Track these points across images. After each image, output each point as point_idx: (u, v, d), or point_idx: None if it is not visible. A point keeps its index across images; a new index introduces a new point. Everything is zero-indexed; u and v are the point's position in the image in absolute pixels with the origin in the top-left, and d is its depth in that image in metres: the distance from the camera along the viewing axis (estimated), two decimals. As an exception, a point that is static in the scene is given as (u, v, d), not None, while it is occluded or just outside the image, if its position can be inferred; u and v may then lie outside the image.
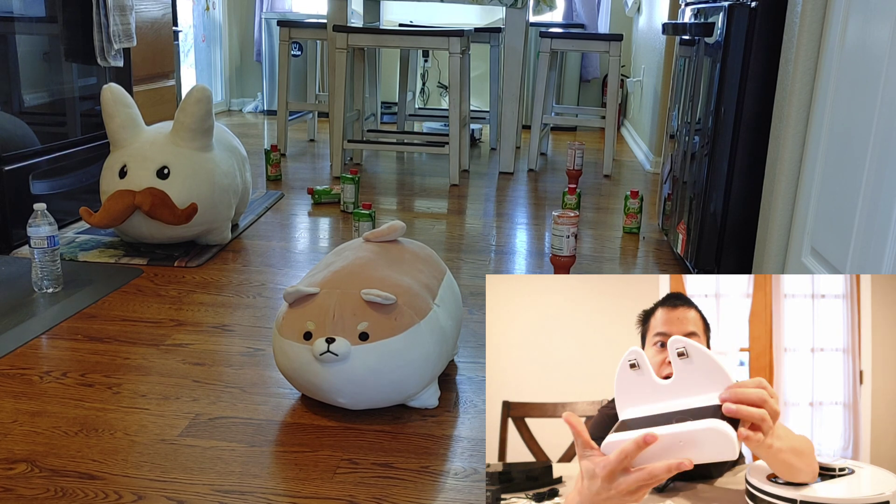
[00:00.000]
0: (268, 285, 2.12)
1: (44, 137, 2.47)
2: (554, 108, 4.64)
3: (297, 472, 1.26)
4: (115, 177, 2.23)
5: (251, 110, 5.91)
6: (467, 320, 1.92)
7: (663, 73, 3.89)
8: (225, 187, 2.34)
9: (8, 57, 2.30)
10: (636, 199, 2.79)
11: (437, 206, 3.15)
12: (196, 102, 2.25)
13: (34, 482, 1.21)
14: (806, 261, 1.72)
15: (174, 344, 1.73)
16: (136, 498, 1.18)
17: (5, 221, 2.29)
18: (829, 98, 1.65)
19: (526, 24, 4.31)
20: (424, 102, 5.80)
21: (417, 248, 1.62)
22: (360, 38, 3.42)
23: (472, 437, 1.39)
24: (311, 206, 3.04)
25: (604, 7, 5.64)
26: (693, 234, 2.19)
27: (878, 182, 1.37)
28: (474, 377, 1.62)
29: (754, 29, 1.91)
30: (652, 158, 4.06)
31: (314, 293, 1.40)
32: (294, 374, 1.39)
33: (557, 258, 2.27)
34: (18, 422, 1.38)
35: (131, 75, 2.92)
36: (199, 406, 1.46)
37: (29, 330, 1.76)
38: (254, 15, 5.89)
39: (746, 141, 1.98)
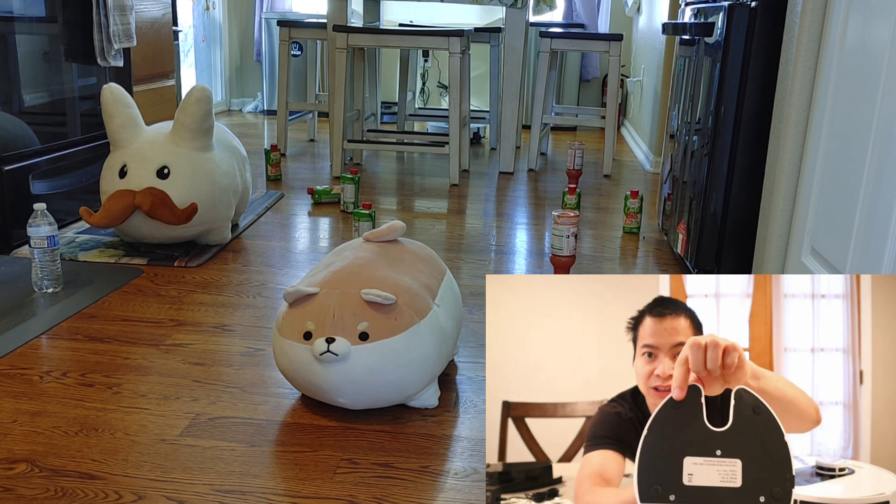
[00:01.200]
0: (268, 285, 2.12)
1: (44, 137, 2.47)
2: (554, 108, 4.64)
3: (297, 472, 1.26)
4: (115, 177, 2.23)
5: (251, 110, 5.91)
6: (467, 320, 1.92)
7: (663, 73, 3.89)
8: (225, 187, 2.34)
9: (8, 57, 2.30)
10: (636, 199, 2.79)
11: (437, 206, 3.15)
12: (196, 102, 2.25)
13: (34, 482, 1.21)
14: (806, 261, 1.72)
15: (174, 344, 1.73)
16: (136, 498, 1.18)
17: (5, 221, 2.29)
18: (829, 98, 1.65)
19: (526, 24, 4.31)
20: (424, 102, 5.80)
21: (417, 248, 1.62)
22: (360, 38, 3.42)
23: (472, 437, 1.39)
24: (311, 206, 3.04)
25: (604, 7, 5.64)
26: (693, 234, 2.19)
27: (878, 182, 1.37)
28: (474, 377, 1.62)
29: (754, 29, 1.91)
30: (652, 158, 4.06)
31: (314, 293, 1.40)
32: (294, 374, 1.39)
33: (557, 258, 2.27)
34: (18, 422, 1.38)
35: (131, 75, 2.92)
36: (199, 406, 1.46)
37: (29, 330, 1.76)
38: (254, 15, 5.89)
39: (746, 141, 1.98)
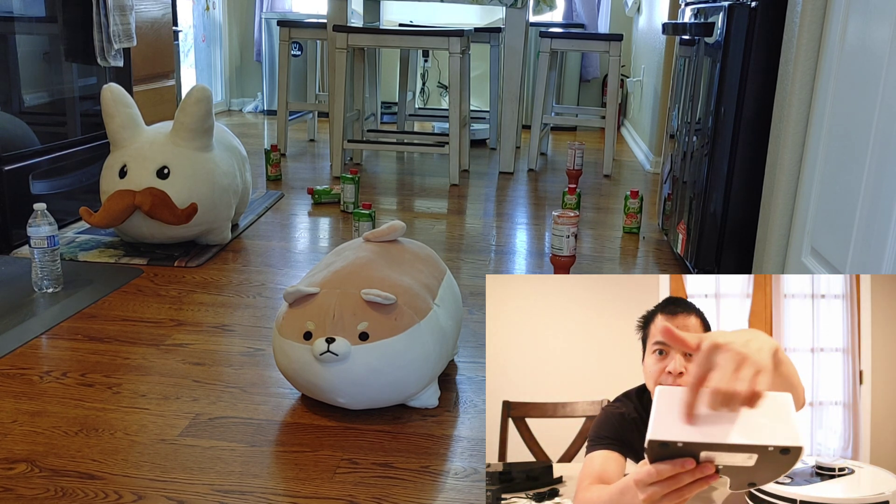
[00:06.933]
0: (268, 285, 2.12)
1: (44, 137, 2.47)
2: (554, 108, 4.64)
3: (297, 472, 1.26)
4: (115, 177, 2.23)
5: (251, 110, 5.91)
6: (467, 320, 1.92)
7: (663, 73, 3.89)
8: (225, 187, 2.34)
9: (8, 57, 2.30)
10: (636, 199, 2.79)
11: (437, 206, 3.15)
12: (196, 102, 2.25)
13: (34, 482, 1.21)
14: (806, 261, 1.72)
15: (174, 344, 1.73)
16: (136, 498, 1.18)
17: (5, 221, 2.29)
18: (829, 98, 1.65)
19: (526, 24, 4.31)
20: (424, 102, 5.80)
21: (417, 248, 1.62)
22: (360, 38, 3.42)
23: (472, 437, 1.39)
24: (311, 206, 3.04)
25: (604, 7, 5.64)
26: (693, 234, 2.19)
27: (878, 182, 1.37)
28: (474, 377, 1.62)
29: (754, 29, 1.91)
30: (652, 158, 4.06)
31: (314, 293, 1.40)
32: (294, 374, 1.39)
33: (557, 258, 2.27)
34: (18, 422, 1.38)
35: (131, 75, 2.92)
36: (199, 406, 1.46)
37: (29, 330, 1.76)
38: (254, 15, 5.89)
39: (746, 141, 1.98)
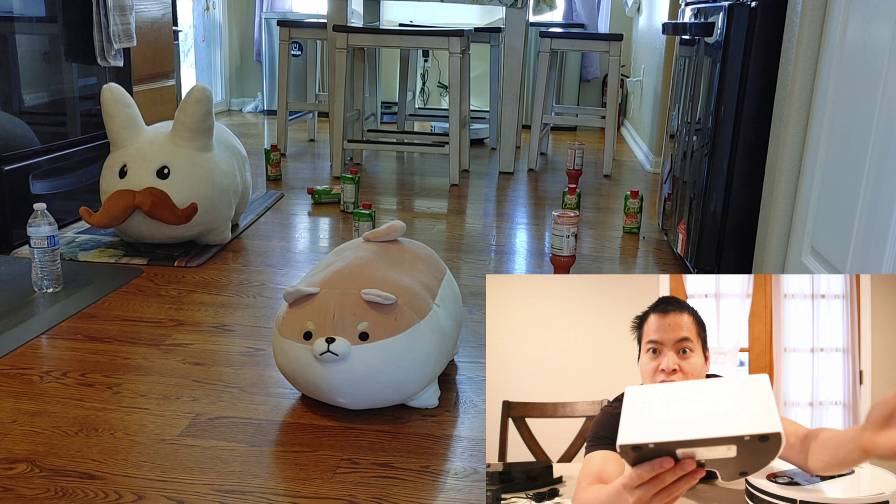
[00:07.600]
0: (268, 285, 2.12)
1: (44, 137, 2.47)
2: (554, 108, 4.64)
3: (297, 472, 1.26)
4: (115, 177, 2.23)
5: (251, 110, 5.91)
6: (467, 320, 1.92)
7: (663, 73, 3.89)
8: (225, 187, 2.34)
9: (8, 57, 2.30)
10: (636, 199, 2.79)
11: (437, 206, 3.15)
12: (196, 102, 2.25)
13: (34, 482, 1.21)
14: (806, 261, 1.72)
15: (174, 344, 1.73)
16: (136, 498, 1.18)
17: (5, 221, 2.29)
18: (829, 98, 1.65)
19: (526, 24, 4.31)
20: (424, 102, 5.80)
21: (417, 248, 1.62)
22: (360, 38, 3.42)
23: (472, 437, 1.39)
24: (311, 206, 3.04)
25: (604, 7, 5.64)
26: (693, 234, 2.19)
27: (878, 182, 1.37)
28: (474, 377, 1.62)
29: (754, 29, 1.91)
30: (652, 158, 4.06)
31: (314, 293, 1.40)
32: (294, 374, 1.39)
33: (557, 258, 2.27)
34: (18, 422, 1.38)
35: (131, 75, 2.92)
36: (199, 406, 1.46)
37: (29, 330, 1.76)
38: (254, 15, 5.89)
39: (746, 141, 1.98)
